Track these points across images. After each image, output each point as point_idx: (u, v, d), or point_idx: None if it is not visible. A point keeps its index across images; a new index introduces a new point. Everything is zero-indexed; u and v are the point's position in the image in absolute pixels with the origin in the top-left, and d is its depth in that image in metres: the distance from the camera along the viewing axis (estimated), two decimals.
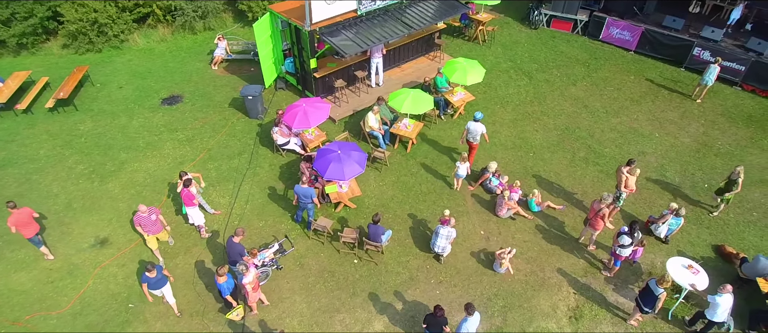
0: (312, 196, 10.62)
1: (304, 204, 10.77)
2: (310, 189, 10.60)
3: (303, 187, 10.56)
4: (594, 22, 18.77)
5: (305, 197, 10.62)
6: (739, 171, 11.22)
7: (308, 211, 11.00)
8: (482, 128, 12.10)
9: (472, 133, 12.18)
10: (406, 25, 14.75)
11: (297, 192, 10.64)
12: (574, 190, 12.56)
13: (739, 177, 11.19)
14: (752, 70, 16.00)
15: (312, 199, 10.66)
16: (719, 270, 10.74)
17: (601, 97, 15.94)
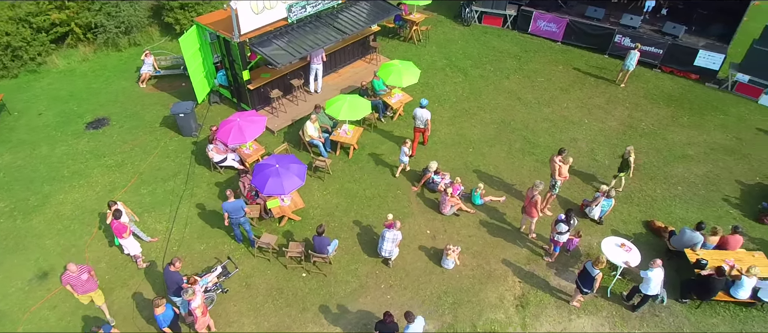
0: (242, 207, 10.33)
1: (236, 219, 10.45)
2: (238, 202, 10.31)
3: (230, 202, 10.27)
4: (522, 16, 19.43)
5: (236, 212, 10.31)
6: (630, 150, 11.94)
7: (244, 226, 10.69)
8: (428, 114, 12.76)
9: (419, 119, 12.83)
10: (339, 30, 14.66)
11: (226, 210, 10.29)
12: (513, 181, 12.94)
13: (631, 156, 11.88)
14: (669, 52, 17.09)
15: (244, 211, 10.36)
16: (650, 244, 11.38)
17: (533, 88, 16.52)
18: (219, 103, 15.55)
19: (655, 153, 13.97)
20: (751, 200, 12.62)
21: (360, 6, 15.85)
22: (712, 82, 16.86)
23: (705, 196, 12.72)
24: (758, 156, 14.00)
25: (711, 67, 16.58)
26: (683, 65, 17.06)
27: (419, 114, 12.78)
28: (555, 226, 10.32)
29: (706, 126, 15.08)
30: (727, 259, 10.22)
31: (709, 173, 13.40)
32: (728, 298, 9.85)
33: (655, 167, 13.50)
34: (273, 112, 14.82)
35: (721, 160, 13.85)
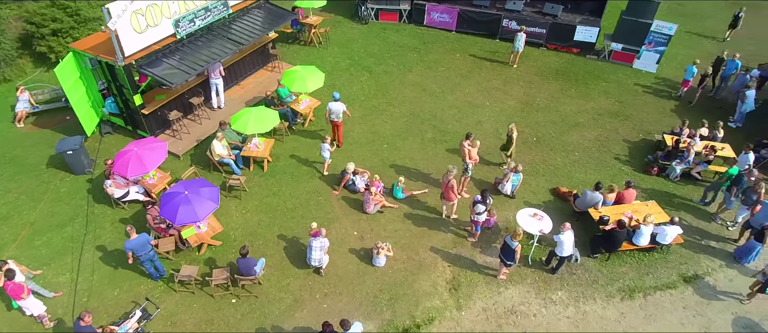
0: (149, 241, 9.69)
1: (146, 255, 9.73)
2: (141, 237, 9.63)
3: (133, 240, 9.54)
4: (416, 10, 20.00)
5: (143, 248, 9.60)
6: (512, 127, 12.78)
7: (154, 262, 9.97)
8: (342, 106, 12.97)
9: (334, 113, 12.96)
10: (234, 41, 14.12)
11: (130, 248, 9.51)
12: (429, 170, 13.31)
13: (513, 133, 12.75)
14: (551, 31, 18.50)
15: (151, 244, 9.70)
16: (559, 209, 12.28)
17: (435, 78, 17.09)
18: (112, 134, 14.31)
19: (551, 125, 15.08)
20: (638, 155, 14.08)
21: (253, 14, 15.38)
22: (591, 53, 18.53)
23: (599, 158, 13.97)
24: (638, 116, 15.64)
25: (589, 40, 18.22)
26: (565, 41, 18.56)
27: (334, 107, 12.90)
28: (473, 208, 10.77)
29: (592, 94, 16.55)
30: (626, 212, 11.31)
31: (599, 137, 14.73)
32: (632, 246, 10.90)
33: (553, 138, 14.57)
34: (175, 135, 13.93)
35: (608, 123, 15.29)
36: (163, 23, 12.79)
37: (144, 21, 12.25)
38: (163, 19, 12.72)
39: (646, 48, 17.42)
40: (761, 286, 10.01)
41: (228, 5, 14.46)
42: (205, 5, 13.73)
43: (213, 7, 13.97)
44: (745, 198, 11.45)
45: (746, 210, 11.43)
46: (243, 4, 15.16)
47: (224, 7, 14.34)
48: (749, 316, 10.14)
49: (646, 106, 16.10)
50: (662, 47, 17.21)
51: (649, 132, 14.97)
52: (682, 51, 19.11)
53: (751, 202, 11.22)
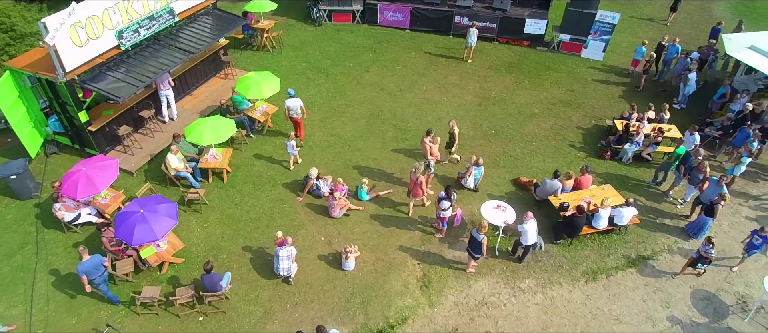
0: (102, 262, 9.29)
1: (100, 277, 9.31)
2: (95, 258, 9.23)
3: (85, 262, 9.14)
4: (369, 10, 19.96)
5: (97, 269, 9.20)
6: (453, 124, 12.86)
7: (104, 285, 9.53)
8: (299, 102, 13.15)
9: (292, 110, 13.15)
10: (183, 50, 13.65)
11: (83, 271, 9.08)
12: (392, 169, 13.31)
13: (454, 129, 12.85)
14: (502, 25, 18.89)
15: (104, 266, 9.32)
16: (521, 199, 12.55)
17: (393, 77, 17.11)
18: (58, 154, 13.54)
19: (508, 118, 15.39)
20: (591, 141, 14.57)
21: (201, 22, 14.92)
22: (541, 45, 19.05)
23: (555, 146, 14.38)
24: (589, 103, 16.19)
25: (538, 32, 18.72)
26: (515, 35, 18.99)
27: (291, 104, 13.07)
28: (438, 204, 10.84)
29: (544, 85, 17.02)
30: (584, 197, 11.68)
31: (554, 126, 15.16)
32: (592, 230, 11.28)
33: (511, 130, 14.88)
34: (127, 151, 13.33)
35: (561, 112, 15.75)
36: (105, 35, 12.21)
37: (84, 34, 11.65)
38: (104, 30, 12.14)
39: (592, 37, 18.06)
40: (692, 261, 10.58)
41: (174, 13, 13.96)
42: (150, 14, 13.20)
43: (158, 16, 13.45)
44: (690, 178, 12.04)
45: (694, 189, 12.04)
46: (190, 12, 14.68)
47: (170, 16, 13.84)
48: (706, 287, 10.68)
49: (596, 93, 16.69)
50: (607, 36, 17.89)
51: (600, 118, 15.53)
52: (626, 39, 19.93)
53: (697, 182, 11.82)
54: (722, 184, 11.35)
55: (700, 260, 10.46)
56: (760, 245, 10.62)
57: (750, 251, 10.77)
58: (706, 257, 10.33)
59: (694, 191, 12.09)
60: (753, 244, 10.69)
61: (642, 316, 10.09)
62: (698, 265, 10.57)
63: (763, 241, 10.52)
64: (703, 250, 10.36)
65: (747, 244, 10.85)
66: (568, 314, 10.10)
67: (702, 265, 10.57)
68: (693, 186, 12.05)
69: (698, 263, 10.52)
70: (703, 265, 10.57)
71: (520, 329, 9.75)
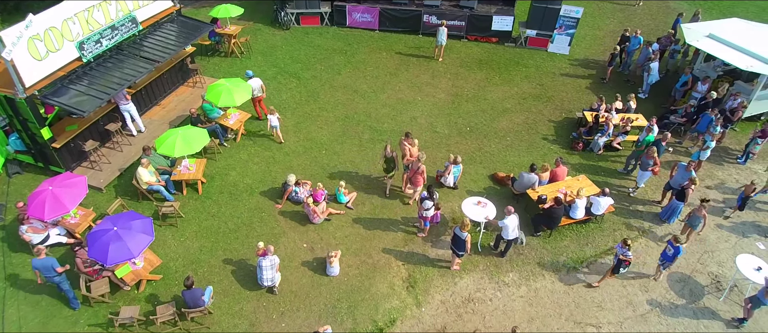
0: (53, 266, 9.15)
1: (50, 279, 9.26)
2: (47, 260, 9.12)
3: (40, 259, 9.09)
4: (337, 12, 19.81)
5: (47, 271, 9.15)
6: (388, 148, 11.69)
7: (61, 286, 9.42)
8: (259, 81, 14.25)
9: (255, 89, 14.01)
10: (148, 59, 13.20)
11: (35, 267, 9.13)
12: (370, 171, 13.23)
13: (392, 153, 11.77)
14: (470, 23, 19.08)
15: (56, 271, 9.18)
16: (500, 193, 12.69)
17: (365, 78, 17.04)
18: (21, 173, 12.89)
19: (482, 114, 15.55)
20: (563, 134, 14.87)
21: (165, 29, 14.48)
22: (509, 41, 19.34)
23: (529, 140, 14.61)
24: (559, 96, 16.53)
25: (505, 29, 18.99)
26: (483, 32, 19.22)
27: (253, 84, 13.95)
28: (421, 204, 10.84)
29: (514, 80, 17.27)
30: (560, 188, 11.89)
31: (527, 120, 15.40)
32: (570, 220, 11.50)
33: (485, 126, 15.04)
34: (94, 167, 12.81)
35: (533, 106, 16.02)
36: (65, 47, 11.70)
37: (43, 47, 11.13)
38: (65, 42, 11.63)
39: (557, 32, 18.44)
40: (613, 266, 10.26)
41: (137, 21, 13.50)
42: (111, 23, 12.72)
43: (120, 25, 12.98)
44: (641, 163, 12.44)
45: (646, 174, 12.45)
46: (154, 19, 14.22)
47: (133, 24, 13.37)
48: (681, 270, 11.04)
49: (564, 86, 17.05)
50: (572, 30, 18.30)
51: (570, 110, 15.87)
52: (590, 32, 20.46)
53: (647, 167, 12.23)
54: (691, 169, 11.76)
55: (620, 265, 10.12)
56: (672, 256, 10.07)
57: (664, 263, 10.36)
58: (625, 259, 9.99)
59: (647, 176, 12.51)
60: (665, 254, 10.24)
61: (623, 301, 10.35)
62: (620, 270, 10.25)
63: (675, 251, 9.93)
64: (620, 253, 9.99)
65: (661, 254, 10.44)
66: (553, 304, 10.26)
67: (623, 269, 10.23)
68: (644, 171, 12.45)
69: (619, 268, 10.18)
70: (624, 269, 10.23)
71: (507, 322, 9.84)
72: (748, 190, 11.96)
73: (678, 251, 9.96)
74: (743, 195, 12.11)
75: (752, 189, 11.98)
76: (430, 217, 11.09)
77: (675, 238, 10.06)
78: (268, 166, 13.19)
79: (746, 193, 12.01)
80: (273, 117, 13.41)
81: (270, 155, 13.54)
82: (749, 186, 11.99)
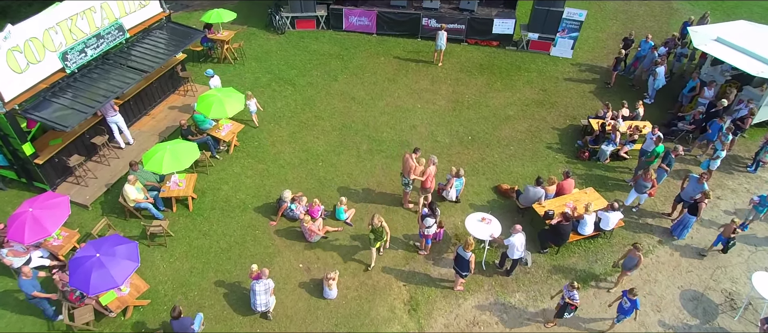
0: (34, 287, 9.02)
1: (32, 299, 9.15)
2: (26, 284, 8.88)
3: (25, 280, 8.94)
4: (334, 15, 19.24)
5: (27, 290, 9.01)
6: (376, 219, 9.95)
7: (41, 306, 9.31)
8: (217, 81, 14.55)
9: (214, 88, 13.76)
10: (136, 69, 12.63)
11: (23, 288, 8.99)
12: (369, 184, 12.71)
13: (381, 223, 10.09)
14: (470, 26, 18.53)
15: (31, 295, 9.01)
16: (504, 207, 12.20)
17: (363, 85, 16.49)
18: (4, 189, 12.31)
19: (483, 121, 15.03)
20: (568, 142, 14.37)
21: (154, 37, 13.90)
22: (510, 45, 18.81)
23: (533, 149, 14.10)
24: (562, 102, 16.02)
25: (506, 32, 18.46)
26: (484, 35, 18.68)
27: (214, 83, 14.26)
28: (422, 222, 10.32)
29: (516, 86, 16.75)
30: (568, 202, 11.39)
31: (530, 128, 14.89)
32: (578, 236, 11.00)
33: (487, 134, 14.52)
34: (80, 182, 12.24)
35: (536, 113, 15.51)
36: (47, 58, 11.14)
37: (24, 59, 10.56)
38: (46, 53, 11.06)
39: (560, 35, 17.92)
40: (559, 308, 9.31)
41: (124, 29, 12.92)
42: (96, 32, 12.15)
43: (106, 34, 12.41)
44: (637, 184, 11.76)
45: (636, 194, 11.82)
46: (142, 26, 13.63)
47: (119, 32, 12.80)
48: (693, 287, 10.57)
49: (568, 92, 16.55)
50: (575, 33, 17.78)
51: (575, 117, 15.37)
52: (593, 34, 19.95)
53: (643, 190, 11.62)
54: (703, 182, 11.28)
55: (565, 308, 9.14)
56: (629, 310, 9.10)
57: (618, 316, 9.37)
58: (572, 304, 9.01)
59: (635, 196, 11.87)
60: (622, 307, 9.25)
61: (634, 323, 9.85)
62: (565, 315, 9.23)
63: (632, 305, 9.01)
64: (567, 297, 9.01)
65: (617, 307, 9.40)
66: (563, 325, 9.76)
67: (568, 314, 9.21)
68: (638, 193, 11.77)
69: (565, 312, 9.20)
70: (570, 313, 9.22)
71: None
72: (728, 230, 10.55)
73: (635, 304, 8.94)
74: (722, 237, 10.84)
75: (733, 229, 10.58)
76: (432, 234, 10.58)
77: (631, 291, 8.96)
78: (262, 180, 12.65)
79: (725, 235, 10.65)
80: (251, 102, 13.76)
81: (264, 168, 13.00)
82: (729, 226, 10.59)
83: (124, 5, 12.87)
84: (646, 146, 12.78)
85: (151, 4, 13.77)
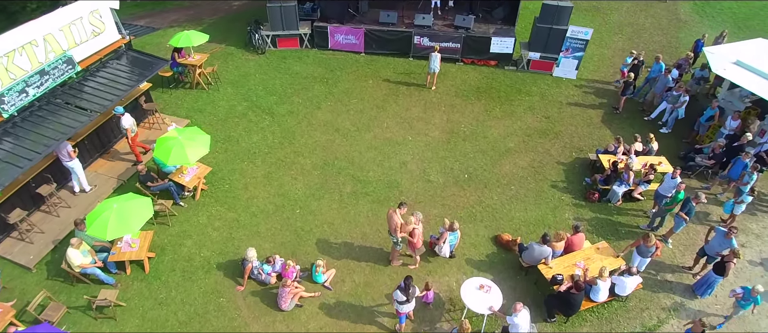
0: None
1: None
2: None
3: None
4: (318, 33, 17.76)
5: None
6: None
7: None
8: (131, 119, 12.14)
9: (132, 128, 12.18)
10: (87, 109, 11.15)
11: None
12: (352, 236, 11.26)
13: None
14: (466, 44, 17.09)
15: None
16: (504, 262, 10.78)
17: (348, 113, 15.01)
18: None
19: (481, 155, 13.59)
20: (575, 179, 12.95)
21: (111, 68, 12.45)
22: (509, 64, 17.36)
23: (536, 188, 12.67)
24: (568, 131, 14.59)
25: (505, 51, 17.01)
26: (481, 54, 17.24)
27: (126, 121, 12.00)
28: (393, 297, 8.85)
29: (517, 112, 15.30)
30: (578, 262, 9.98)
31: (533, 162, 13.46)
32: (591, 303, 9.56)
33: (485, 171, 13.08)
34: (24, 238, 10.76)
35: (539, 144, 14.07)
36: None
37: None
38: None
39: (563, 55, 16.48)
40: None
41: (74, 62, 11.43)
42: (40, 68, 10.66)
43: (52, 69, 10.92)
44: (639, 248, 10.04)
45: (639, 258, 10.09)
46: (96, 57, 12.14)
47: (68, 66, 11.31)
48: None
49: (573, 118, 15.11)
50: (580, 53, 16.34)
51: (581, 149, 13.95)
52: (597, 51, 18.53)
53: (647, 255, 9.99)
54: (731, 237, 9.87)
55: None
56: None
57: None
58: None
59: (638, 260, 10.12)
60: None
61: None
62: None
63: None
64: None
65: None
66: None
67: None
68: (641, 257, 10.08)
69: None
70: None
71: None
72: (696, 327, 8.55)
73: None
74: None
75: (701, 327, 8.52)
76: (406, 312, 9.09)
77: None
78: (231, 232, 11.19)
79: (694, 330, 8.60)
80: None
81: (234, 217, 11.54)
82: (697, 323, 8.58)
83: (74, 34, 11.37)
84: (664, 189, 11.38)
85: (107, 30, 12.26)
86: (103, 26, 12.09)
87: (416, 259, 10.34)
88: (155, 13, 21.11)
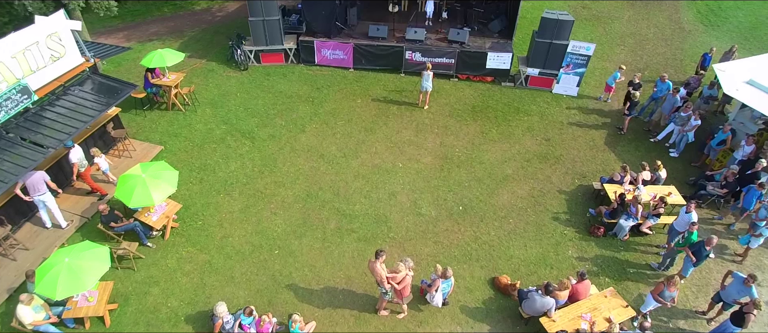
0: None
1: None
2: None
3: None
4: (305, 48, 16.76)
5: None
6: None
7: None
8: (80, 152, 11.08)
9: (81, 162, 11.15)
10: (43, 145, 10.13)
11: None
12: (336, 280, 10.27)
13: None
14: (460, 60, 16.14)
15: None
16: (503, 310, 9.84)
17: (334, 137, 14.01)
18: None
19: (477, 184, 12.62)
20: (578, 210, 12.01)
21: (73, 96, 11.41)
22: (507, 80, 16.40)
23: (536, 221, 11.72)
24: (569, 155, 13.65)
25: (502, 67, 16.05)
26: (476, 70, 16.29)
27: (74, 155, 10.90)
28: None
29: (515, 134, 14.34)
30: (584, 314, 9.03)
31: (532, 191, 12.51)
32: None
33: (481, 203, 12.11)
34: None
35: (538, 170, 13.12)
36: None
37: None
38: None
39: (564, 71, 15.53)
40: None
41: (30, 91, 10.41)
42: None
43: (4, 100, 9.89)
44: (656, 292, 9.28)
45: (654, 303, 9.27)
46: (55, 84, 11.12)
47: (24, 96, 10.29)
48: None
49: (575, 140, 14.16)
50: (582, 69, 15.39)
51: (584, 175, 13.01)
52: (599, 64, 17.57)
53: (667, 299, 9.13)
54: (751, 284, 8.95)
55: None
56: None
57: None
58: None
59: (652, 305, 9.28)
60: None
61: None
62: None
63: None
64: None
65: None
66: None
67: None
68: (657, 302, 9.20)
69: None
70: None
71: None
72: None
73: None
74: None
75: None
76: None
77: None
78: (202, 278, 10.19)
79: None
80: (101, 160, 11.35)
81: (206, 259, 10.54)
82: None
83: (29, 61, 10.35)
84: (679, 225, 10.47)
85: (68, 54, 11.23)
86: (63, 50, 11.05)
87: (403, 308, 9.40)
88: (135, 25, 20.07)
